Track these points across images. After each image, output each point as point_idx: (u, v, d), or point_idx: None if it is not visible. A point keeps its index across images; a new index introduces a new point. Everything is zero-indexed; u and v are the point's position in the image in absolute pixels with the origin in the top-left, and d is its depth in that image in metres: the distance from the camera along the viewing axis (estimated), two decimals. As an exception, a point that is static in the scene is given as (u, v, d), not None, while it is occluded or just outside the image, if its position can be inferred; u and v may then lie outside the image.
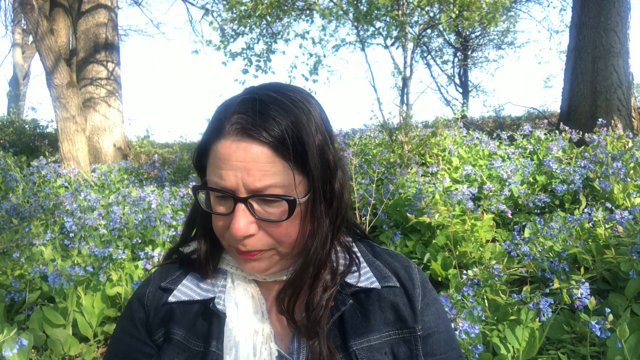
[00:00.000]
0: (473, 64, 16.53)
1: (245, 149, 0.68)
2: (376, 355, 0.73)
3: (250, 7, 6.15)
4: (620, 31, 6.00)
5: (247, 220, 0.69)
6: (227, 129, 0.70)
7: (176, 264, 0.85)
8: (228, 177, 0.68)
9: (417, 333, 0.76)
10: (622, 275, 2.36)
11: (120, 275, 2.88)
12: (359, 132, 7.15)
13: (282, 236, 0.72)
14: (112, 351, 0.80)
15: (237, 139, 0.69)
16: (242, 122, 0.69)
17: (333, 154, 0.75)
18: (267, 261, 0.75)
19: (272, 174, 0.68)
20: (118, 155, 7.28)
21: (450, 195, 3.36)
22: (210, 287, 0.80)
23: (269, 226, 0.71)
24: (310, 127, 0.71)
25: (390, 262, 0.84)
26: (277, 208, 0.70)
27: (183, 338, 0.75)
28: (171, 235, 3.34)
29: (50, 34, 5.92)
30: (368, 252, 0.86)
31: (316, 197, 0.73)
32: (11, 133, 8.32)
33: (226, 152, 0.69)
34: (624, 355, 1.74)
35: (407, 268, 0.83)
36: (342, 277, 0.77)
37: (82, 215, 3.50)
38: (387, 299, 0.78)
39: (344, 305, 0.76)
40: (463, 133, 6.03)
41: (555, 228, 2.84)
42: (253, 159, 0.68)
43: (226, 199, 0.71)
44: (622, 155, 4.03)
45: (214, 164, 0.71)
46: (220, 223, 0.74)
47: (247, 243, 0.71)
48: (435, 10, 6.51)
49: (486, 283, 2.23)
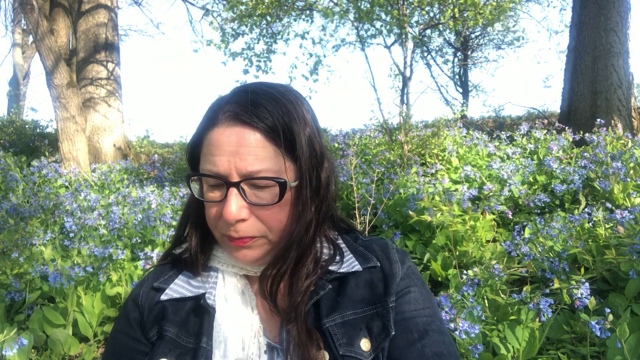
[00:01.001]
0: (473, 64, 16.54)
1: (237, 134, 0.71)
2: (350, 331, 0.74)
3: (250, 6, 6.15)
4: (620, 31, 5.99)
5: (239, 204, 0.71)
6: (220, 117, 0.73)
7: (169, 264, 0.87)
8: (221, 162, 0.71)
9: (390, 305, 0.76)
10: (622, 275, 2.36)
11: (120, 276, 2.88)
12: (359, 132, 7.14)
13: (273, 221, 0.74)
14: (109, 351, 0.81)
15: (230, 125, 0.72)
16: (234, 109, 0.72)
17: (320, 144, 0.78)
18: (259, 250, 0.76)
19: (264, 158, 0.71)
20: (118, 155, 7.28)
21: (447, 197, 3.35)
22: (201, 283, 0.81)
23: (260, 211, 0.73)
24: (299, 117, 0.75)
25: (369, 246, 0.85)
26: (268, 193, 0.73)
27: (175, 335, 0.76)
28: (171, 235, 3.34)
29: (50, 34, 5.92)
30: (352, 241, 0.87)
31: (303, 183, 0.75)
32: (11, 133, 8.31)
33: (219, 139, 0.72)
34: (624, 355, 1.74)
35: (383, 247, 0.85)
36: (325, 266, 0.79)
37: (82, 215, 3.50)
38: (363, 277, 0.80)
39: (322, 290, 0.77)
40: (463, 133, 6.03)
41: (556, 228, 2.84)
42: (245, 144, 0.70)
43: (219, 186, 0.74)
44: (622, 155, 4.02)
45: (207, 152, 0.73)
46: (214, 210, 0.75)
47: (239, 229, 0.73)
48: (435, 10, 6.51)
49: (486, 283, 2.23)
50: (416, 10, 6.33)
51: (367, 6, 5.83)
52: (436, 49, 15.97)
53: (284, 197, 0.73)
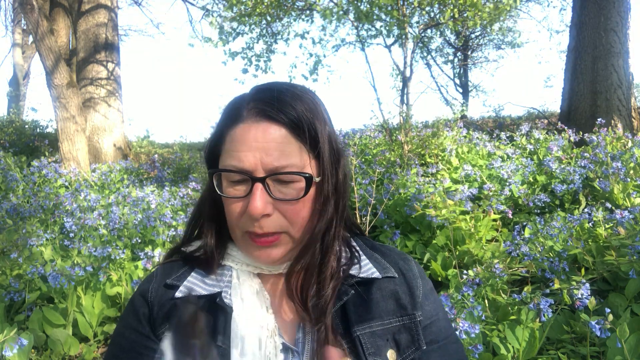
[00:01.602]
0: (473, 64, 16.52)
1: (264, 129, 0.72)
2: (378, 341, 0.75)
3: (250, 5, 6.14)
4: (620, 31, 5.99)
5: (265, 199, 0.72)
6: (245, 113, 0.74)
7: (179, 262, 0.85)
8: (247, 157, 0.72)
9: (417, 319, 0.79)
10: (622, 276, 2.36)
11: (120, 275, 2.88)
12: (359, 132, 7.14)
13: (296, 217, 0.75)
14: (116, 347, 0.80)
15: (256, 121, 0.73)
16: (260, 106, 0.73)
17: (337, 142, 0.80)
18: (282, 248, 0.77)
19: (289, 154, 0.72)
20: (118, 155, 7.28)
21: (449, 196, 3.35)
22: (216, 282, 0.80)
23: (285, 206, 0.74)
24: (320, 115, 0.77)
25: (388, 254, 0.87)
26: (292, 189, 0.74)
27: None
28: (171, 235, 3.34)
29: (50, 34, 5.92)
30: (366, 246, 0.89)
31: (325, 179, 0.77)
32: (11, 133, 8.31)
33: (244, 135, 0.73)
34: (624, 355, 1.74)
35: (405, 259, 0.87)
36: (347, 269, 0.80)
37: (82, 215, 3.50)
38: (388, 288, 0.81)
39: (346, 295, 0.78)
40: (463, 133, 6.03)
41: (556, 228, 2.84)
42: (272, 139, 0.71)
43: (242, 182, 0.74)
44: (622, 155, 4.02)
45: (231, 148, 0.74)
46: (236, 207, 0.75)
47: (263, 224, 0.73)
48: (435, 10, 6.51)
49: (487, 283, 2.23)
50: (416, 11, 6.33)
51: (367, 6, 5.82)
52: (436, 49, 15.97)
53: (308, 192, 0.74)
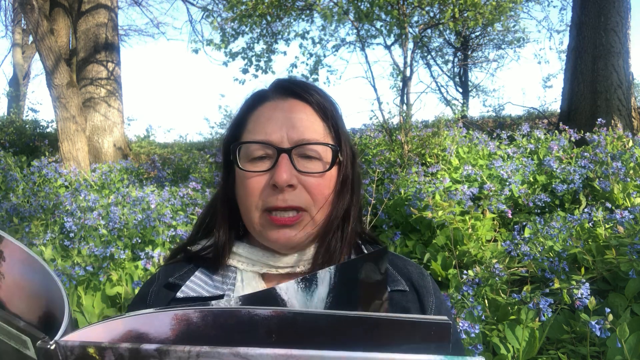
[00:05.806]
0: (473, 64, 16.51)
1: (291, 105, 0.76)
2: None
3: (250, 6, 6.14)
4: (620, 31, 5.99)
5: (290, 170, 0.73)
6: (271, 94, 0.78)
7: (183, 261, 0.84)
8: (273, 130, 0.74)
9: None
10: (622, 275, 2.36)
11: (120, 275, 2.88)
12: (359, 132, 7.14)
13: (318, 193, 0.76)
14: None
15: (282, 98, 0.77)
16: (286, 84, 0.79)
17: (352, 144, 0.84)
18: (301, 230, 0.76)
19: (314, 130, 0.75)
20: (118, 155, 7.28)
21: (450, 196, 3.35)
22: (220, 284, 0.79)
23: (309, 181, 0.75)
24: (339, 112, 0.82)
25: (401, 267, 0.84)
26: (316, 164, 0.76)
27: None
28: (171, 235, 3.34)
29: (50, 34, 5.92)
30: None
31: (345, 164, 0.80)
32: (11, 133, 8.31)
33: (271, 111, 0.76)
34: (624, 355, 1.74)
35: (421, 275, 0.84)
36: None
37: (82, 215, 3.50)
38: (400, 305, 0.78)
39: None
40: (463, 133, 6.03)
41: (556, 228, 2.84)
42: (299, 114, 0.75)
43: (265, 158, 0.75)
44: (622, 155, 4.02)
45: (256, 124, 0.77)
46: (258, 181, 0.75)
47: (287, 197, 0.74)
48: (435, 10, 6.51)
49: (487, 282, 2.23)
50: (416, 10, 6.33)
51: (367, 6, 5.82)
52: (436, 49, 15.95)
53: (331, 169, 0.76)
